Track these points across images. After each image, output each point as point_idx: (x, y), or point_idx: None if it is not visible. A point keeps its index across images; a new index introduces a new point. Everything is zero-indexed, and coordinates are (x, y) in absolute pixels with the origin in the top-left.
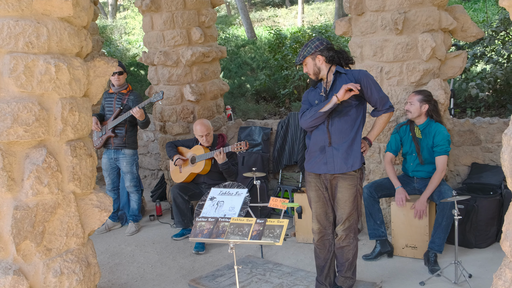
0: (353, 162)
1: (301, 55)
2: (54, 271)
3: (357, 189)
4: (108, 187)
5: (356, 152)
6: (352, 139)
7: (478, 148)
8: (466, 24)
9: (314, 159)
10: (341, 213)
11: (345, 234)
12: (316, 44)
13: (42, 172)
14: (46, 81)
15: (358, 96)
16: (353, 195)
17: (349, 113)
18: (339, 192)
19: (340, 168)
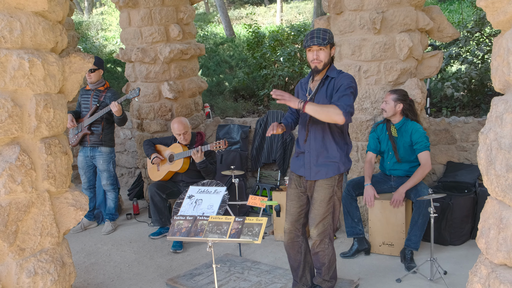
0: (327, 171)
1: (326, 39)
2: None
3: (334, 190)
4: (84, 185)
5: (332, 157)
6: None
7: (453, 147)
8: (442, 25)
9: (297, 160)
10: (315, 214)
11: (319, 240)
12: (332, 35)
13: (15, 170)
14: (20, 77)
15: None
16: (329, 195)
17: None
18: (315, 191)
19: (315, 175)
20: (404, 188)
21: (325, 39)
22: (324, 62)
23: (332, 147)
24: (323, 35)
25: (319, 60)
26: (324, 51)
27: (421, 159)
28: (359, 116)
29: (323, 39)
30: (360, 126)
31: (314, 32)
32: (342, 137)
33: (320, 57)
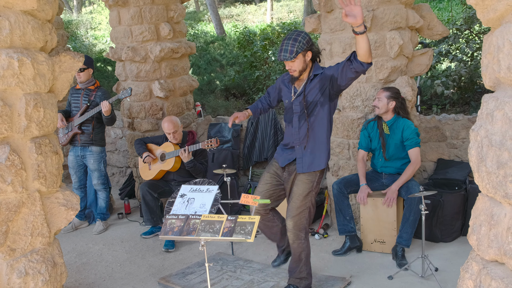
0: (319, 163)
1: (293, 51)
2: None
3: (313, 186)
4: (75, 185)
5: (322, 152)
6: (321, 140)
7: (443, 144)
8: (432, 23)
9: (284, 152)
10: (292, 206)
11: (294, 232)
12: (307, 39)
13: (5, 170)
14: (9, 76)
15: (324, 92)
16: (307, 190)
17: (319, 113)
18: (295, 185)
19: (307, 168)
20: (397, 185)
21: (293, 52)
22: (299, 70)
23: (323, 142)
24: (291, 47)
25: (293, 69)
26: (295, 62)
27: (412, 156)
28: (350, 114)
29: (290, 53)
30: (352, 124)
31: (284, 44)
32: (329, 134)
33: (293, 67)
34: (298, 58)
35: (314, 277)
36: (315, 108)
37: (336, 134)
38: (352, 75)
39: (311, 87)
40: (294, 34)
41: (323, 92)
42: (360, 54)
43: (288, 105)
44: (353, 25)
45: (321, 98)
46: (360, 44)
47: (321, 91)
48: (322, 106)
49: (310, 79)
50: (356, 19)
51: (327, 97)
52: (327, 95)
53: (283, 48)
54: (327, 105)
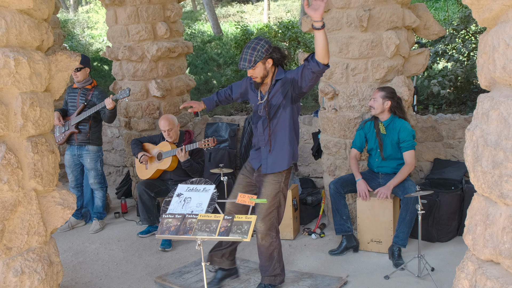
0: (282, 164)
1: (251, 61)
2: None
3: (281, 186)
4: (71, 184)
5: (285, 153)
6: (284, 142)
7: (440, 144)
8: (428, 22)
9: (254, 153)
10: (261, 208)
11: (265, 233)
12: (266, 47)
13: (1, 169)
14: (5, 75)
15: (286, 95)
16: (275, 190)
17: (282, 116)
18: (263, 186)
19: (271, 169)
20: (392, 183)
21: (251, 61)
22: (260, 76)
23: (285, 143)
24: (250, 56)
25: (255, 76)
26: (256, 69)
27: (406, 158)
28: (347, 113)
29: (249, 62)
30: (348, 123)
31: (243, 52)
32: (295, 134)
33: (254, 74)
34: (257, 66)
35: (311, 276)
36: (278, 111)
37: (333, 133)
38: (310, 76)
39: (274, 92)
40: (253, 43)
41: (285, 95)
42: (317, 51)
43: (254, 108)
44: (312, 19)
45: (283, 101)
46: (318, 40)
47: (283, 94)
48: (284, 109)
49: (273, 84)
50: (316, 12)
51: (289, 100)
52: (289, 98)
53: (242, 57)
54: (289, 107)
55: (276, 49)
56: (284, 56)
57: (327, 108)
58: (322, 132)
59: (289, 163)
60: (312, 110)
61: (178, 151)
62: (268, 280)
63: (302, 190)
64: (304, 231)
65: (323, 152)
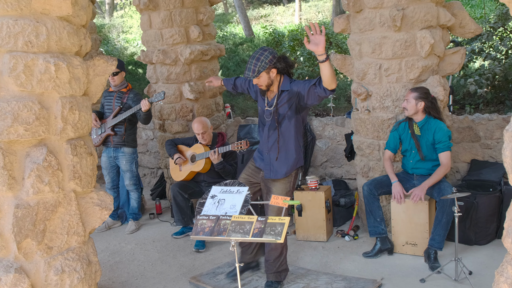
0: (287, 170)
1: (255, 71)
2: (55, 269)
3: (290, 187)
4: (108, 185)
5: (290, 160)
6: (289, 149)
7: (477, 144)
8: (464, 21)
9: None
10: (273, 208)
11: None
12: (270, 58)
13: (42, 170)
14: (46, 80)
15: (292, 107)
16: (285, 190)
17: (287, 125)
18: (274, 186)
19: (274, 175)
20: (426, 184)
21: (255, 71)
22: (266, 84)
23: (291, 149)
24: (254, 66)
25: (260, 85)
26: (260, 78)
27: (442, 159)
28: (381, 114)
29: (253, 72)
30: (382, 124)
31: (249, 62)
32: (300, 139)
33: (259, 83)
34: (261, 76)
35: (344, 279)
36: (283, 121)
37: (366, 135)
38: (316, 98)
39: (280, 102)
40: (258, 53)
41: (290, 107)
42: (324, 80)
43: (260, 112)
44: (316, 53)
45: (289, 112)
46: (323, 71)
47: (289, 106)
48: (289, 119)
49: (279, 94)
50: (318, 47)
51: (294, 111)
52: (294, 109)
53: (247, 66)
54: (294, 118)
55: (281, 58)
56: (290, 65)
57: (360, 109)
58: (355, 133)
59: (293, 169)
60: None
61: (211, 153)
62: (274, 277)
63: (335, 191)
64: (337, 233)
65: (356, 154)
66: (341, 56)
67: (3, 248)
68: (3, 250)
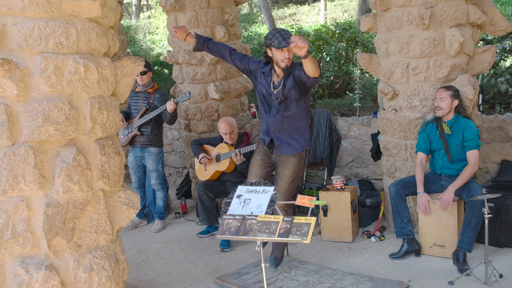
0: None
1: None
2: (84, 267)
3: (300, 167)
4: (134, 184)
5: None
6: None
7: (508, 145)
8: (495, 18)
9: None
10: (282, 188)
11: (284, 210)
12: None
13: (72, 170)
14: (76, 81)
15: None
16: (296, 172)
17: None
18: (283, 167)
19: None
20: (453, 187)
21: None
22: (292, 61)
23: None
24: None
25: (290, 59)
26: (289, 51)
27: (470, 158)
28: (408, 114)
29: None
30: (409, 124)
31: (283, 33)
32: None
33: (291, 56)
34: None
35: (370, 280)
36: (292, 103)
37: (393, 134)
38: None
39: (289, 85)
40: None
41: (296, 89)
42: (306, 72)
43: (265, 95)
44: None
45: (296, 95)
46: (305, 66)
47: (295, 88)
48: (297, 101)
49: (286, 76)
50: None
51: (300, 93)
52: (299, 91)
53: (285, 36)
54: (302, 100)
55: None
56: None
57: (387, 109)
58: (382, 133)
59: (306, 146)
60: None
61: (233, 154)
62: (279, 253)
63: (361, 192)
64: (363, 234)
65: (382, 154)
66: (367, 55)
67: (34, 246)
68: (34, 247)
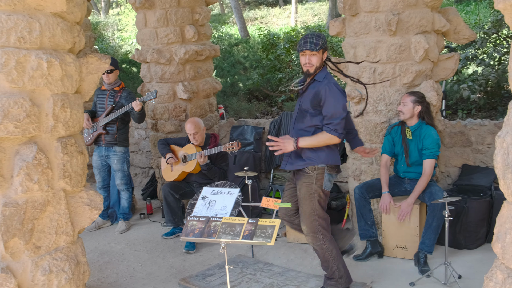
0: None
1: (318, 44)
2: (42, 269)
3: (314, 188)
4: (99, 184)
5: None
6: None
7: (469, 149)
8: (459, 26)
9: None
10: (301, 211)
11: (311, 236)
12: (325, 41)
13: (32, 169)
14: (38, 77)
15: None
16: (308, 192)
17: (304, 119)
18: (297, 189)
19: (289, 166)
20: (412, 198)
21: (318, 44)
22: (316, 66)
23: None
24: (316, 40)
25: (311, 64)
26: (316, 56)
27: (425, 166)
28: (374, 118)
29: (315, 44)
30: (375, 128)
31: (308, 36)
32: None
33: (312, 61)
34: (319, 53)
35: None
36: (306, 116)
37: None
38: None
39: (306, 95)
40: (316, 33)
41: (312, 105)
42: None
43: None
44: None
45: (311, 109)
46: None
47: (311, 104)
48: (311, 116)
49: (310, 83)
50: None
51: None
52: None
53: (308, 40)
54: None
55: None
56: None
57: (354, 113)
58: None
59: (311, 164)
60: None
61: (198, 156)
62: (329, 284)
63: None
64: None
65: (348, 157)
66: (335, 59)
67: None
68: None
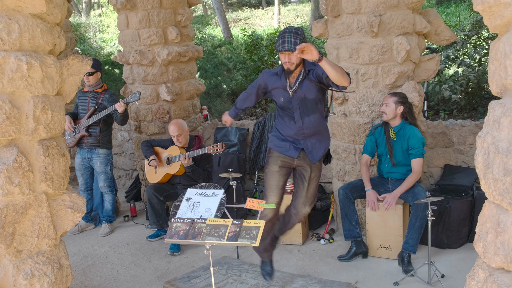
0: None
1: (296, 43)
2: (24, 273)
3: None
4: (81, 187)
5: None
6: (324, 130)
7: (450, 150)
8: (439, 28)
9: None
10: (310, 194)
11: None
12: (304, 34)
13: (12, 171)
14: (18, 79)
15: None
16: (319, 174)
17: (319, 109)
18: (312, 171)
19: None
20: (399, 192)
21: (296, 43)
22: (296, 64)
23: (325, 130)
24: (294, 39)
25: (291, 62)
26: (292, 55)
27: (414, 166)
28: (357, 119)
29: (294, 44)
30: (358, 129)
31: (286, 35)
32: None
33: (292, 59)
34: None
35: (319, 282)
36: (316, 105)
37: (343, 139)
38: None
39: (308, 85)
40: (293, 28)
41: (319, 89)
42: (330, 78)
43: (284, 103)
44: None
45: (318, 94)
46: (325, 68)
47: (318, 88)
48: (320, 102)
49: (305, 74)
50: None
51: (321, 92)
52: (320, 90)
53: (285, 39)
54: (321, 100)
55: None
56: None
57: (337, 113)
58: (332, 137)
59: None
60: None
61: (182, 157)
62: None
63: None
64: (313, 237)
65: (332, 157)
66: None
67: None
68: None
